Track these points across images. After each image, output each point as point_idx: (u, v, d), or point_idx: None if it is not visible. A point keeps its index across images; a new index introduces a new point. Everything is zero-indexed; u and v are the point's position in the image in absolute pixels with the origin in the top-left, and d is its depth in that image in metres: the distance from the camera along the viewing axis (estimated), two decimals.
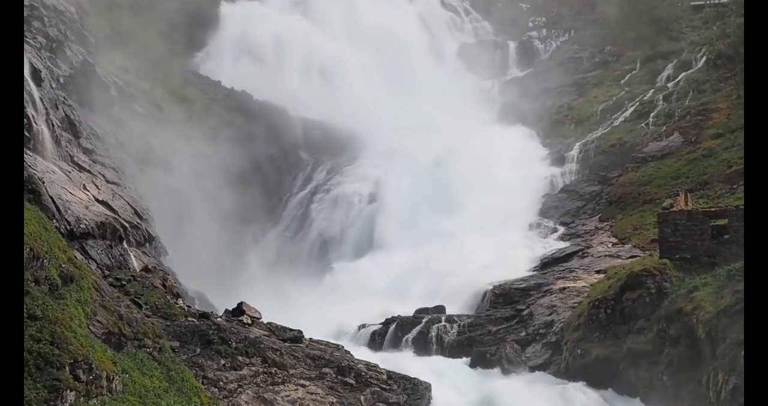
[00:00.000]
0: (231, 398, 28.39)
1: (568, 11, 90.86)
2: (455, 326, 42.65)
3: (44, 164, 38.43)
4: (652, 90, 65.92)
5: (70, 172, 40.72)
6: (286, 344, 32.64)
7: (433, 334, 42.45)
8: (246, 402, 28.63)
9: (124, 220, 41.23)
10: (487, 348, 39.98)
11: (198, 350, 29.51)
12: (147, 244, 42.84)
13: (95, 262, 35.70)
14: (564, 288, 43.24)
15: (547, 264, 48.10)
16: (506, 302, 44.44)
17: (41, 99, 41.33)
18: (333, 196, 62.28)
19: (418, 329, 42.91)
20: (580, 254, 48.20)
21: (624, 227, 49.49)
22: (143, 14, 65.33)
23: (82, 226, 36.48)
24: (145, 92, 58.55)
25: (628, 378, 33.99)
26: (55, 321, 22.44)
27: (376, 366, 33.51)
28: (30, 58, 43.53)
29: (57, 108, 43.66)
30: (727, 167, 49.41)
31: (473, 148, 62.27)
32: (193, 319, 31.84)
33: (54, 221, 33.17)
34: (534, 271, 47.83)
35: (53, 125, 41.51)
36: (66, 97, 46.24)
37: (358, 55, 76.53)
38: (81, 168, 42.33)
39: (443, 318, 43.64)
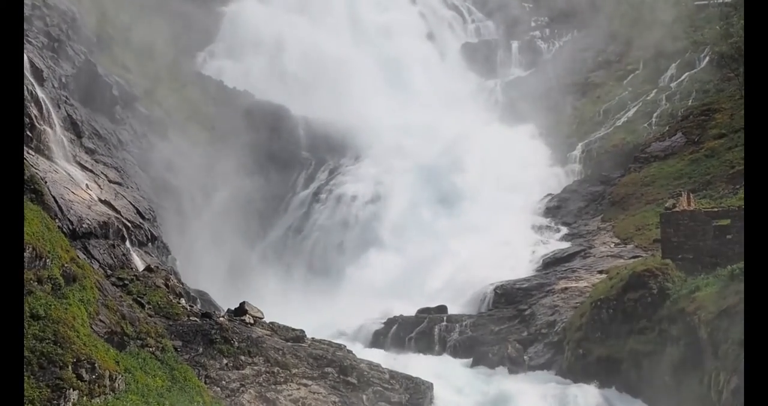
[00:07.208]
0: (233, 398, 28.42)
1: (572, 11, 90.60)
2: (457, 325, 42.65)
3: (46, 164, 38.47)
4: (655, 90, 65.75)
5: (72, 172, 40.75)
6: (289, 343, 32.66)
7: (435, 334, 42.47)
8: (248, 401, 28.66)
9: (127, 219, 41.26)
10: (489, 348, 40.00)
11: (200, 350, 29.56)
12: (149, 243, 42.85)
13: (98, 261, 35.70)
14: (566, 288, 43.20)
15: (550, 264, 48.04)
16: (508, 302, 44.40)
17: (43, 99, 41.37)
18: (335, 196, 62.25)
19: (420, 329, 42.94)
20: (582, 254, 48.12)
21: (626, 227, 49.39)
22: (145, 14, 65.25)
23: (84, 225, 36.51)
24: (147, 92, 58.52)
25: (630, 378, 34.03)
26: (58, 320, 22.48)
27: (378, 366, 33.54)
28: (32, 57, 43.61)
29: (59, 108, 43.72)
30: (730, 167, 49.31)
31: (476, 148, 62.20)
32: (196, 318, 31.90)
33: (56, 220, 33.23)
34: (536, 271, 47.78)
35: (55, 125, 41.54)
36: (68, 97, 46.28)
37: (361, 54, 76.42)
38: (83, 168, 42.37)
39: (445, 318, 43.66)
